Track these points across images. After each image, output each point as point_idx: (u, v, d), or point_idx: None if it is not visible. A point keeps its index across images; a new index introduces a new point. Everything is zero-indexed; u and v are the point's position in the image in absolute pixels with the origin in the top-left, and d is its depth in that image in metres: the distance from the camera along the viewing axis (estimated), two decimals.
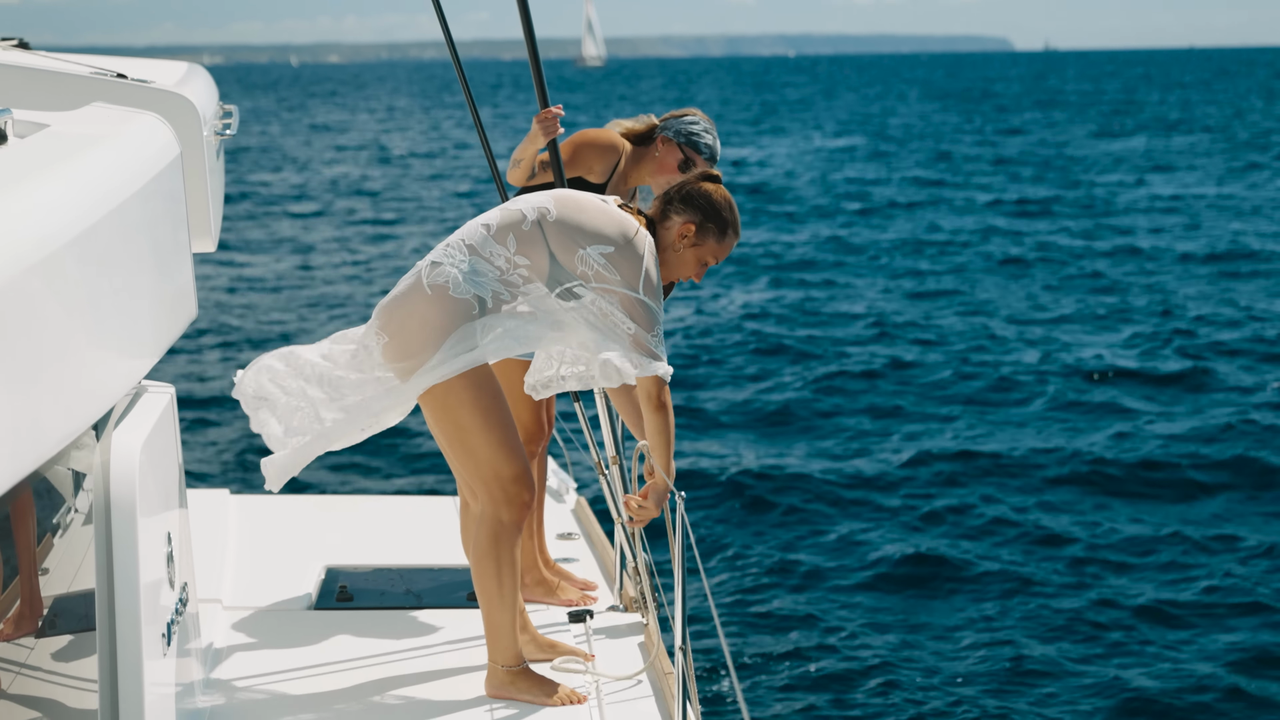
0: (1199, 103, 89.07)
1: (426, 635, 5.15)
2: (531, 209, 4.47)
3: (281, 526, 6.43)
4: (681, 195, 4.64)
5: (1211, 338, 18.90)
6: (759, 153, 52.76)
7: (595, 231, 4.44)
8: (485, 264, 4.42)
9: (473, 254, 4.43)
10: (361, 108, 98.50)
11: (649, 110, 7.78)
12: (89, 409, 3.24)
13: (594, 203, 4.53)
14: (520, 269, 4.42)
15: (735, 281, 24.34)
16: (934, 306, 21.82)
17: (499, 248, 4.42)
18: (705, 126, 5.57)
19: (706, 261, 4.67)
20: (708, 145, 5.56)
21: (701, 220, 4.61)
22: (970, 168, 46.29)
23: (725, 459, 13.70)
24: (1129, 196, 37.30)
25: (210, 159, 5.51)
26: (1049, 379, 16.74)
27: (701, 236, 4.62)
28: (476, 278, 4.40)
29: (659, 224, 4.63)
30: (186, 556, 4.28)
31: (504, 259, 4.42)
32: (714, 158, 5.58)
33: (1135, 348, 18.47)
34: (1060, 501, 12.50)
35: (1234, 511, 12.24)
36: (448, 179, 44.75)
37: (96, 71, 5.31)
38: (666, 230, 4.62)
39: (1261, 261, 25.85)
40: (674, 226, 4.62)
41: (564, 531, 6.31)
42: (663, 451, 4.59)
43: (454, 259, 4.42)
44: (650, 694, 4.72)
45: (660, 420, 4.55)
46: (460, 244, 4.46)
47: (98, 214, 3.32)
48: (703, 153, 5.55)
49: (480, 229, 4.47)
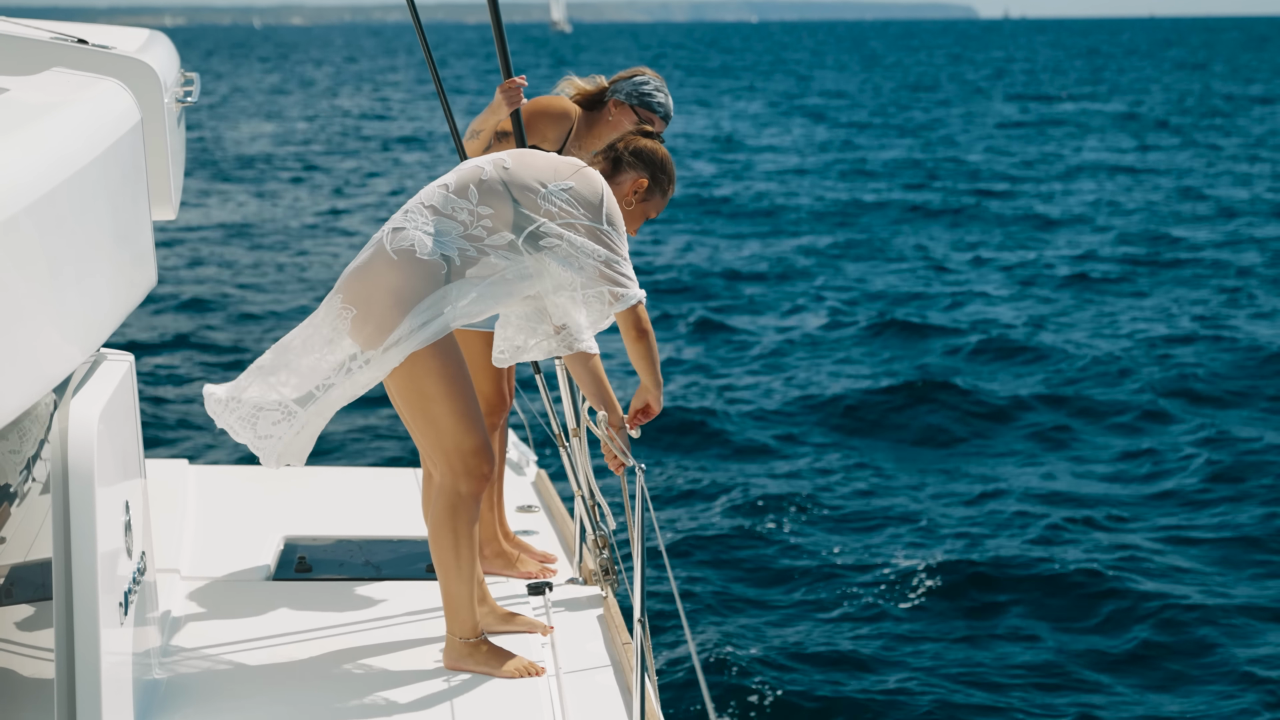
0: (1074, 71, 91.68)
1: (385, 606, 5.14)
2: (488, 162, 4.53)
3: (240, 497, 6.41)
4: (631, 151, 4.75)
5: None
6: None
7: (554, 172, 4.54)
8: (448, 221, 4.42)
9: (435, 214, 4.43)
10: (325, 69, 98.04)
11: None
12: (46, 376, 3.22)
13: (547, 156, 4.64)
14: (484, 220, 4.43)
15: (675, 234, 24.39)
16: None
17: (461, 202, 4.44)
18: (656, 85, 5.51)
19: (649, 214, 4.84)
20: (660, 104, 5.50)
21: (653, 174, 4.77)
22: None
23: (689, 427, 13.72)
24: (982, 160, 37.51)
25: (171, 126, 5.47)
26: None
27: (650, 192, 4.79)
28: (441, 238, 4.40)
29: (611, 181, 4.74)
30: (144, 525, 4.27)
31: (466, 212, 4.43)
32: (668, 116, 5.53)
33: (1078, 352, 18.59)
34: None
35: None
36: (410, 143, 44.62)
37: (57, 37, 5.27)
38: (619, 186, 4.74)
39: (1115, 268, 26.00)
40: (626, 182, 4.75)
41: (524, 504, 6.32)
42: (651, 373, 4.71)
43: (416, 222, 4.42)
44: (608, 664, 4.74)
45: (643, 347, 4.65)
46: (419, 207, 4.46)
47: (56, 179, 3.30)
48: (657, 111, 5.49)
49: (439, 189, 4.48)
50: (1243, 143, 44.86)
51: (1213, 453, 13.03)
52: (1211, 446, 13.26)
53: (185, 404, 14.68)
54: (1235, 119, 54.09)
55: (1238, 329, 18.01)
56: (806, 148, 43.81)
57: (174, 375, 15.89)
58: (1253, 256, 23.70)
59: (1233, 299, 20.09)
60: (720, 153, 42.47)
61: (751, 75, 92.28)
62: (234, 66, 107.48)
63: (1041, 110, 59.83)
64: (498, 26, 5.42)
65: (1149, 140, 45.70)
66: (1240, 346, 17.01)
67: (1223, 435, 13.62)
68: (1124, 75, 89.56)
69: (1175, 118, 54.58)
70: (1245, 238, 25.79)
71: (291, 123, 54.52)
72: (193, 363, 16.55)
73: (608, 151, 4.77)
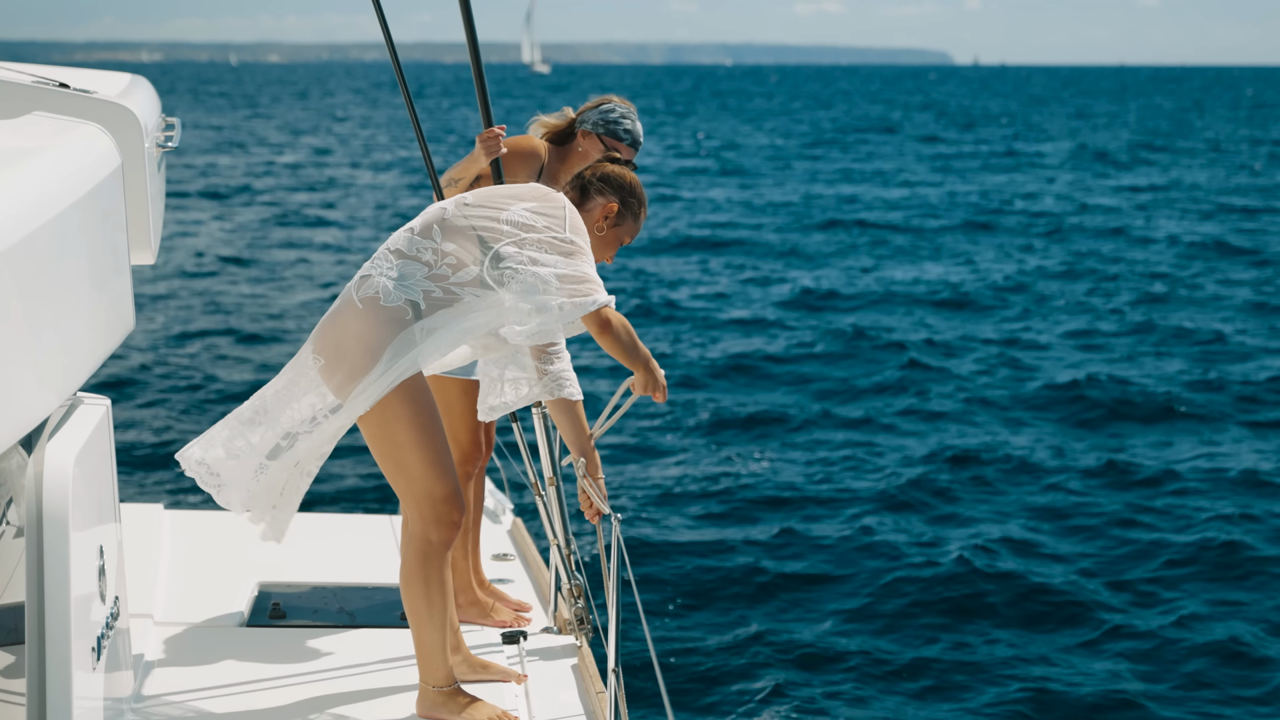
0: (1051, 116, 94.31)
1: (359, 654, 5.13)
2: (451, 202, 4.55)
3: (215, 542, 6.39)
4: (599, 177, 4.76)
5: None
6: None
7: (514, 196, 4.54)
8: (412, 264, 4.42)
9: (400, 258, 4.44)
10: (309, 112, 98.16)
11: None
12: (22, 420, 3.21)
13: (509, 186, 4.66)
14: (448, 258, 4.41)
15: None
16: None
17: (425, 242, 4.44)
18: (624, 112, 5.48)
19: (623, 240, 4.82)
20: (628, 131, 5.47)
21: (623, 199, 4.76)
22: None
23: (664, 476, 13.71)
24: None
25: (151, 170, 5.47)
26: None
27: (621, 217, 4.78)
28: (405, 281, 4.40)
29: (581, 209, 4.73)
30: (119, 570, 4.25)
31: (431, 251, 4.42)
32: (636, 143, 5.49)
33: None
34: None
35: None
36: (395, 189, 44.64)
37: (38, 81, 5.27)
38: (589, 214, 4.74)
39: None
40: (596, 208, 4.74)
41: (499, 552, 6.31)
42: (628, 360, 4.59)
43: (381, 269, 4.44)
44: (582, 714, 4.72)
45: (608, 340, 4.51)
46: (385, 253, 4.48)
47: (35, 223, 3.30)
48: (624, 139, 5.46)
49: (404, 234, 4.51)
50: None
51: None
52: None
53: (160, 449, 14.62)
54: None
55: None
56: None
57: (149, 420, 15.83)
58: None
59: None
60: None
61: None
62: (229, 103, 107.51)
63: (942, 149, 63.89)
64: (479, 76, 5.44)
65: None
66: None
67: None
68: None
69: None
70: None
71: (272, 161, 54.49)
72: (168, 407, 16.50)
73: (575, 180, 4.78)
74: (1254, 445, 15.24)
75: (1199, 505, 13.08)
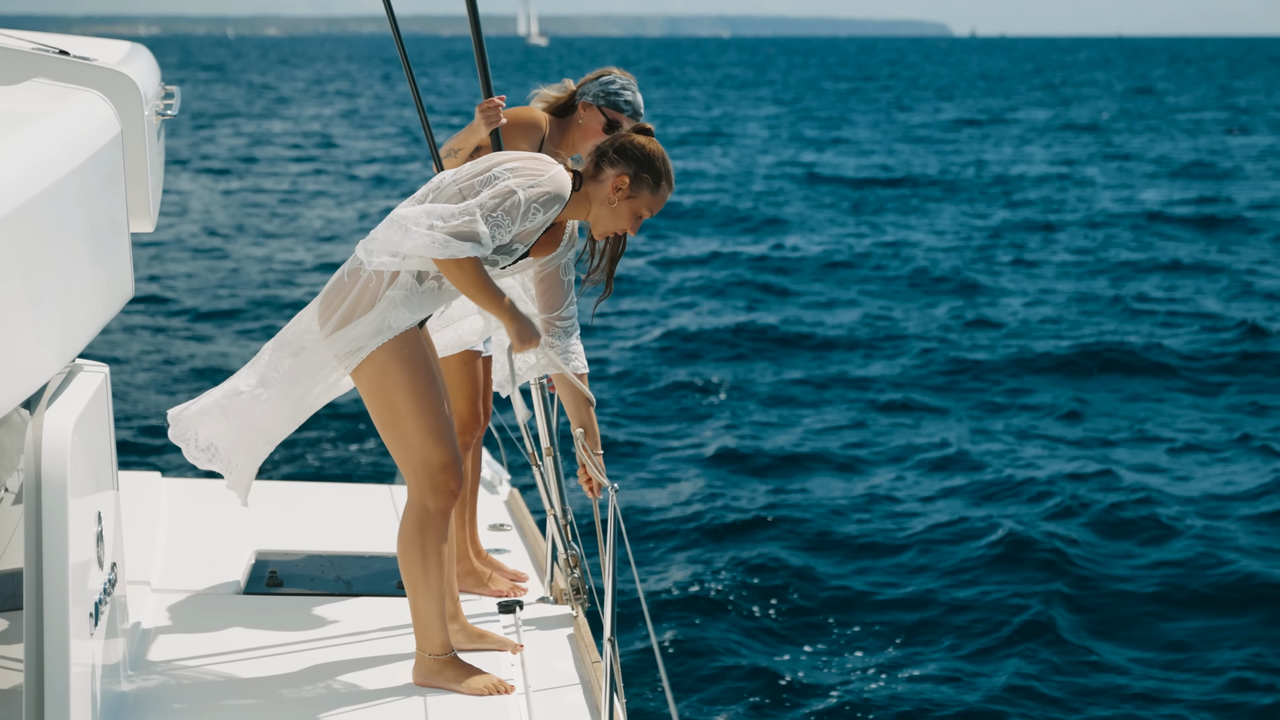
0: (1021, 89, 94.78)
1: (355, 622, 5.14)
2: (449, 172, 4.55)
3: (212, 510, 6.40)
4: (615, 148, 4.66)
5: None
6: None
7: (504, 159, 4.51)
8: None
9: (400, 228, 4.45)
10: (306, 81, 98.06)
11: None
12: (21, 386, 3.22)
13: (499, 154, 4.61)
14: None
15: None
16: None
17: (421, 211, 4.45)
18: (624, 83, 5.46)
19: (641, 214, 4.69)
20: (629, 102, 5.45)
21: (636, 172, 4.63)
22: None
23: (660, 448, 13.74)
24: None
25: (151, 139, 5.47)
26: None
27: (636, 189, 4.64)
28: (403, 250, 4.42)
29: (594, 179, 4.65)
30: (116, 537, 4.26)
31: (427, 219, 4.44)
32: (637, 113, 5.47)
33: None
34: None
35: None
36: (395, 159, 44.60)
37: (38, 47, 5.27)
38: (600, 185, 4.64)
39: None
40: (608, 180, 4.63)
41: (496, 522, 6.32)
42: (486, 304, 4.48)
43: (381, 237, 4.45)
44: (578, 683, 4.74)
45: (460, 279, 4.41)
46: (388, 222, 4.49)
47: (34, 189, 3.31)
48: (624, 111, 5.44)
49: (403, 206, 4.52)
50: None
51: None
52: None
53: (158, 416, 14.63)
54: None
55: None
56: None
57: (147, 387, 15.84)
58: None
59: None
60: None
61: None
62: (240, 71, 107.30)
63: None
64: (479, 47, 5.42)
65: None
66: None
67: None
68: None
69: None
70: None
71: (272, 132, 54.43)
72: (166, 375, 16.50)
73: (595, 150, 4.73)
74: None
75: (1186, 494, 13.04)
